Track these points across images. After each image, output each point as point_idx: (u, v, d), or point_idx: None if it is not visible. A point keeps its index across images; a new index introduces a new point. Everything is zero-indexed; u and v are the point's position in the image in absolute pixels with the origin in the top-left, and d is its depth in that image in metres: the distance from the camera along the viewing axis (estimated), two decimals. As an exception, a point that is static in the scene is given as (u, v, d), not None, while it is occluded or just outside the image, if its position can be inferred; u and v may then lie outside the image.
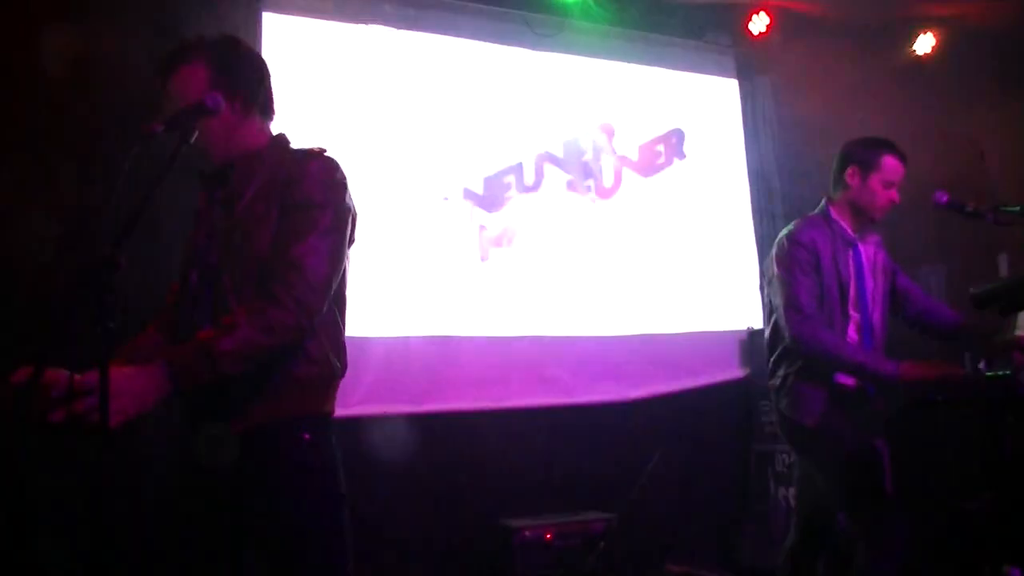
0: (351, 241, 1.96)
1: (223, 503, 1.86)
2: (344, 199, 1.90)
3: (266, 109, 2.01)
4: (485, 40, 4.60)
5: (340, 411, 1.98)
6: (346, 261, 1.94)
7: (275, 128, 2.05)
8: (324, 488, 1.86)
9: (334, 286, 1.87)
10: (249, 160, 1.93)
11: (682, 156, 5.03)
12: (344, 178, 1.92)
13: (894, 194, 3.00)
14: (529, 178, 4.59)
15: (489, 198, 4.48)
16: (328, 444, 1.90)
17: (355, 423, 3.77)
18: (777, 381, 3.01)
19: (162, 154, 1.77)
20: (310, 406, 1.88)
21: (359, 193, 2.01)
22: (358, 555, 1.92)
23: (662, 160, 4.98)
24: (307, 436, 1.85)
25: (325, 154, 1.94)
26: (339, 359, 1.94)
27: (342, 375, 1.96)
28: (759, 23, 4.91)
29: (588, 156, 4.76)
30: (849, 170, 3.01)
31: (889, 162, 2.98)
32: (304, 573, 1.81)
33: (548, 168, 4.65)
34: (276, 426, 1.83)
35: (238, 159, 1.94)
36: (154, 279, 2.56)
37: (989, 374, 2.75)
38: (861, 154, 3.02)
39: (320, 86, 4.12)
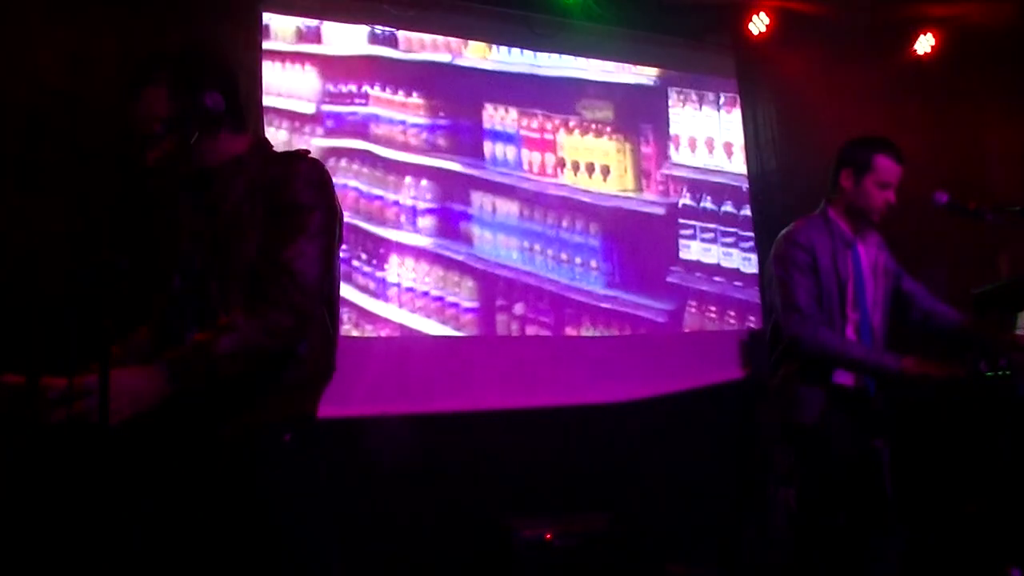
0: (340, 241, 1.94)
1: (205, 506, 1.84)
2: (332, 200, 1.89)
3: (236, 120, 1.95)
4: (485, 40, 4.60)
5: (340, 411, 1.97)
6: (335, 261, 1.93)
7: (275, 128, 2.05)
8: (306, 489, 1.85)
9: (325, 288, 1.87)
10: (230, 166, 1.91)
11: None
12: (330, 179, 1.91)
13: (890, 195, 2.92)
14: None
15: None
16: (310, 445, 1.88)
17: (355, 423, 3.77)
18: (776, 381, 3.00)
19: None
20: (294, 408, 1.87)
21: (339, 190, 1.99)
22: (358, 555, 1.91)
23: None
24: (287, 437, 1.84)
25: (310, 156, 1.93)
26: (326, 360, 1.93)
27: (330, 376, 1.95)
28: (759, 23, 4.90)
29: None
30: (843, 172, 2.95)
31: (882, 162, 2.91)
32: (288, 574, 1.80)
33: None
34: (260, 428, 1.82)
35: (218, 167, 1.91)
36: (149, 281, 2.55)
37: (989, 374, 2.75)
38: (854, 155, 2.96)
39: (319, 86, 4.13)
